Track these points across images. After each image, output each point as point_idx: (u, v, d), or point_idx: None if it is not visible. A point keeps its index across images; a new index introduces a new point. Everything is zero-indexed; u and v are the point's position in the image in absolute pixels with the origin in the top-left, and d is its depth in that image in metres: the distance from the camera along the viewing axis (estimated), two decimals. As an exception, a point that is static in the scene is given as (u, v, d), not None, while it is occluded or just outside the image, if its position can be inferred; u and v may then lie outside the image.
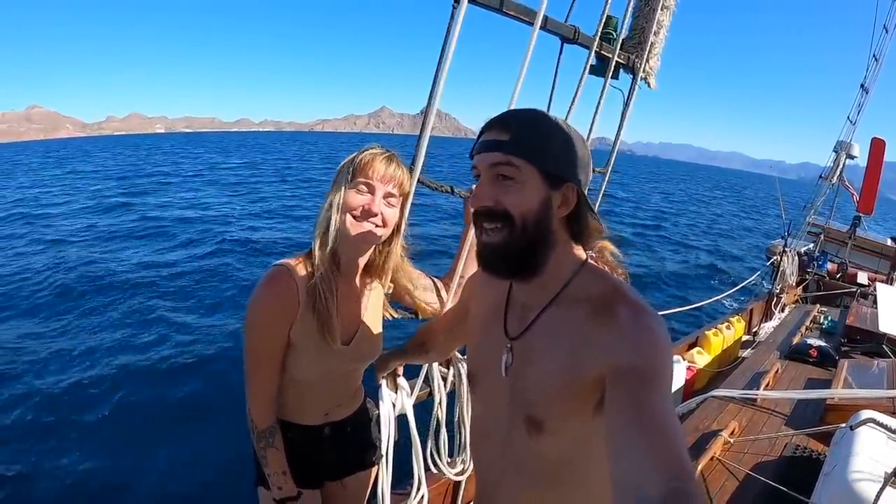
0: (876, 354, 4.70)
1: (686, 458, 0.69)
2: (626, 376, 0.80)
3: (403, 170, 1.40)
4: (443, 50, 1.60)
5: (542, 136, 0.90)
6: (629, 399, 0.77)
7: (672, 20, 2.43)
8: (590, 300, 0.91)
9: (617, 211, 28.08)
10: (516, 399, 0.99)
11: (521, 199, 0.89)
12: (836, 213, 10.62)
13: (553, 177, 0.90)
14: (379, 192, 1.34)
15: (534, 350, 0.96)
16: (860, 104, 8.31)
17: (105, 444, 5.13)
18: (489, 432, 1.08)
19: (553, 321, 0.95)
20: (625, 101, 2.44)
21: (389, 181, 1.35)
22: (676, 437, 0.71)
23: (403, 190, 1.41)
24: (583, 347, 0.88)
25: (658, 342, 0.83)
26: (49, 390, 6.03)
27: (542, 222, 0.90)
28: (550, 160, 0.89)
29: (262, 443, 1.41)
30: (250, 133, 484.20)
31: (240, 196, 25.35)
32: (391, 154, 1.39)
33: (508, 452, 1.02)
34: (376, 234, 1.36)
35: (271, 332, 1.35)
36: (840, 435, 2.49)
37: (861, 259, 10.34)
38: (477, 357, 1.13)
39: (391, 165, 1.36)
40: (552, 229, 0.92)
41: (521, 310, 1.02)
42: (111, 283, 10.10)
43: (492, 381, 1.04)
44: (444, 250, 11.19)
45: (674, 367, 0.86)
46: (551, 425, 0.93)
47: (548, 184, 0.89)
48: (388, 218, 1.37)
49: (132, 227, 16.41)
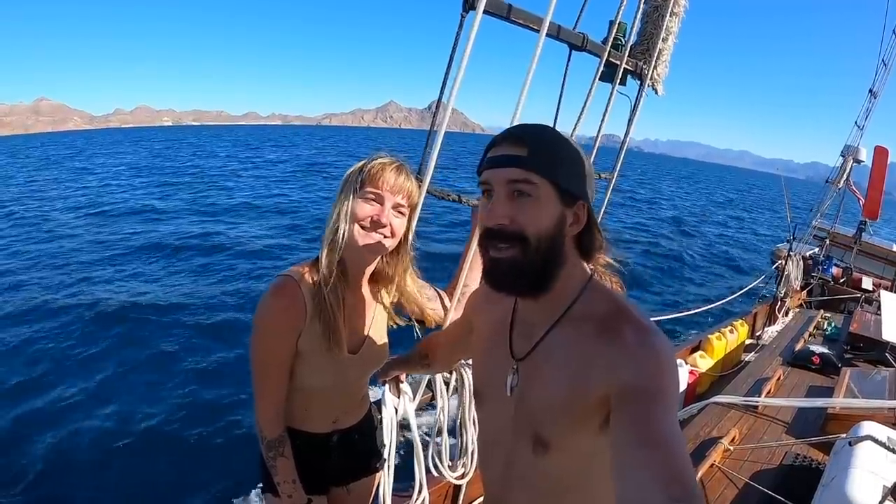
0: (879, 362, 4.69)
1: (690, 477, 0.69)
2: (630, 396, 0.80)
3: (412, 180, 1.39)
4: (451, 60, 1.57)
5: (557, 152, 0.89)
6: (634, 417, 0.77)
7: (681, 26, 2.42)
8: (595, 319, 0.90)
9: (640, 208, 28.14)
10: (521, 418, 0.99)
11: (538, 216, 0.88)
12: (843, 215, 10.57)
13: (567, 194, 0.89)
14: (388, 202, 1.34)
15: (540, 371, 0.96)
16: (868, 109, 8.28)
17: (111, 453, 5.15)
18: (495, 448, 1.08)
19: (559, 341, 0.94)
20: (632, 108, 2.43)
21: (399, 192, 1.35)
22: (680, 456, 0.71)
23: (412, 200, 1.40)
24: (588, 367, 0.88)
25: (663, 362, 0.83)
26: (72, 397, 6.08)
27: (555, 240, 0.90)
28: (565, 177, 0.88)
29: (271, 452, 1.40)
30: (259, 126, 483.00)
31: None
32: (401, 164, 1.38)
33: (514, 469, 1.03)
34: (384, 244, 1.36)
35: (278, 342, 1.35)
36: (840, 446, 2.49)
37: (866, 264, 10.30)
38: (482, 375, 1.13)
39: (401, 176, 1.35)
40: (563, 247, 0.92)
41: (526, 329, 1.01)
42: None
43: (497, 399, 1.04)
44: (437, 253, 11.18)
45: (678, 382, 0.86)
46: (556, 443, 0.94)
47: (562, 201, 0.89)
48: (397, 228, 1.37)
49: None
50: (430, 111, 1.67)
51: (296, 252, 13.64)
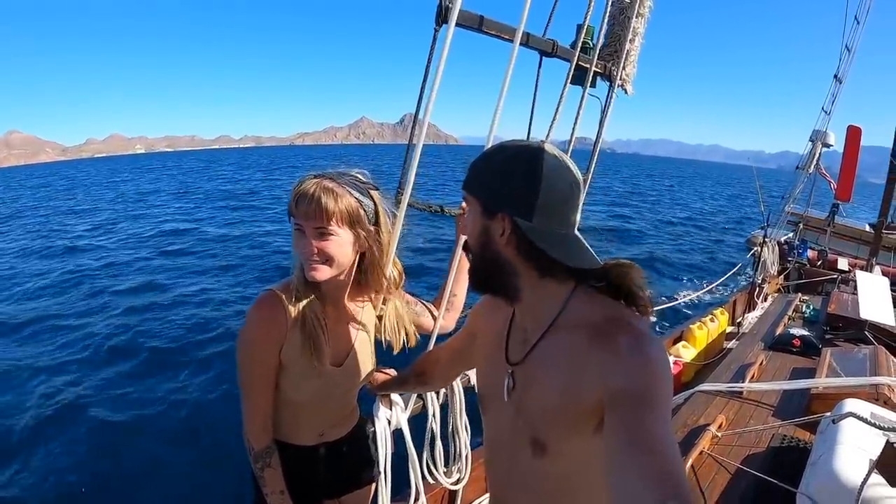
0: (858, 341, 4.78)
1: (683, 480, 0.70)
2: (623, 400, 0.82)
3: (329, 197, 1.27)
4: (426, 72, 1.59)
5: (480, 170, 0.97)
6: (626, 422, 0.79)
7: (647, 27, 2.47)
8: (590, 326, 0.92)
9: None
10: (520, 422, 1.02)
11: (469, 227, 1.00)
12: (815, 198, 10.77)
13: (486, 208, 0.95)
14: (308, 230, 1.30)
15: (534, 375, 0.99)
16: (834, 94, 8.44)
17: (103, 466, 5.09)
18: (499, 451, 1.13)
19: (552, 347, 0.97)
20: (602, 109, 2.47)
21: (311, 217, 1.28)
22: (673, 459, 0.73)
23: (340, 218, 1.29)
24: (581, 372, 0.90)
25: (656, 367, 0.85)
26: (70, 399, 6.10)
27: (484, 249, 0.97)
28: (485, 192, 0.95)
29: (259, 463, 1.43)
30: (234, 150, 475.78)
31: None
32: (315, 183, 1.29)
33: (515, 471, 1.07)
34: (323, 270, 1.32)
35: (261, 355, 1.37)
36: (825, 425, 2.55)
37: (841, 245, 10.52)
38: (484, 381, 1.17)
39: (309, 201, 1.26)
40: (502, 258, 0.95)
41: (521, 335, 1.05)
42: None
43: (497, 404, 1.09)
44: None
45: (671, 387, 0.88)
46: (554, 447, 0.97)
47: (483, 214, 0.95)
48: (330, 252, 1.31)
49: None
50: (403, 125, 1.68)
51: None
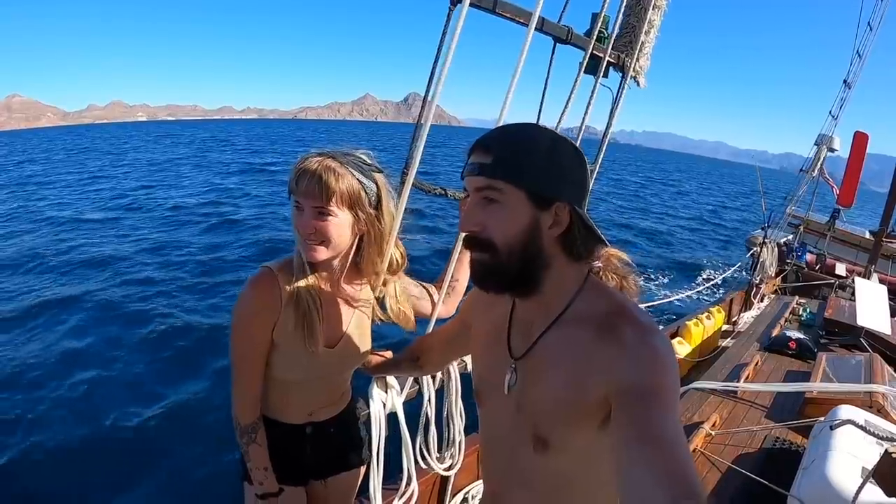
0: (854, 347, 4.79)
1: (694, 475, 0.68)
2: (631, 395, 0.79)
3: (330, 177, 1.25)
4: (438, 51, 1.56)
5: (525, 154, 0.87)
6: (635, 417, 0.77)
7: (663, 19, 2.43)
8: (594, 319, 0.89)
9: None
10: (521, 417, 0.98)
11: (506, 222, 0.87)
12: (817, 202, 10.75)
13: (539, 197, 0.87)
14: (306, 209, 1.28)
15: (538, 370, 0.96)
16: (842, 99, 8.39)
17: (92, 451, 5.04)
18: (496, 446, 1.08)
19: (557, 341, 0.93)
20: (614, 100, 2.44)
21: (310, 196, 1.26)
22: (683, 455, 0.71)
23: (340, 199, 1.28)
24: (587, 367, 0.87)
25: (663, 361, 0.82)
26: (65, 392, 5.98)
27: (529, 245, 0.88)
28: (534, 179, 0.86)
29: (244, 438, 1.43)
30: (237, 121, 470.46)
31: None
32: (318, 161, 1.27)
33: (514, 467, 1.03)
34: (319, 251, 1.31)
35: (254, 333, 1.37)
36: (819, 430, 2.55)
37: (840, 251, 10.51)
38: (481, 375, 1.12)
39: (313, 178, 1.25)
40: (543, 250, 0.90)
41: (524, 328, 1.00)
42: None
43: (496, 398, 1.04)
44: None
45: (678, 380, 0.86)
46: (556, 443, 0.94)
47: (535, 204, 0.87)
48: (328, 233, 1.29)
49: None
50: (407, 104, 1.66)
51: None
